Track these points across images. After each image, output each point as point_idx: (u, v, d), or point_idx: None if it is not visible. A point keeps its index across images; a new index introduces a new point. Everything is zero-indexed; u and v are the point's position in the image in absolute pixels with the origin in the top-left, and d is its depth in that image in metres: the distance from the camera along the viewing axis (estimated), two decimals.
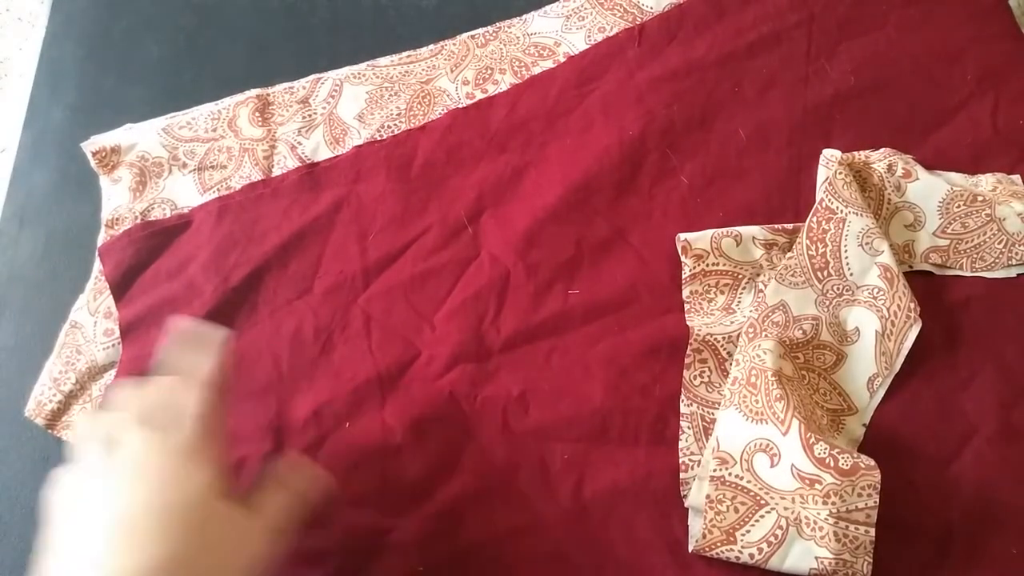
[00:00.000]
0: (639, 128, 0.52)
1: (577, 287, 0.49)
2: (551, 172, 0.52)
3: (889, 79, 0.53)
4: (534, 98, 0.54)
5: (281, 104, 0.55)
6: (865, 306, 0.46)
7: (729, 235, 0.48)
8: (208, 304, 0.48)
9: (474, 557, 0.43)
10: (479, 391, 0.46)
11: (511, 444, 0.45)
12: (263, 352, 0.48)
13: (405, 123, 0.54)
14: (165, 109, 0.55)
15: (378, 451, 0.45)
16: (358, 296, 0.49)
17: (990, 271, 0.48)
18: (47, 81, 0.58)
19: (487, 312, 0.48)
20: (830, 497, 0.38)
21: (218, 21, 0.60)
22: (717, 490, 0.41)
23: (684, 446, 0.45)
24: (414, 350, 0.48)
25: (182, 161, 0.53)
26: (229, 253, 0.50)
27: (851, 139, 0.51)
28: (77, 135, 0.54)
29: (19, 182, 0.55)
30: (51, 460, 0.47)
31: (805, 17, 0.55)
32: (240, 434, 0.46)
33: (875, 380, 0.45)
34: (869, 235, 0.46)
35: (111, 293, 0.49)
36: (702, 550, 0.41)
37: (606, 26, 0.56)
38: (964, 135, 0.51)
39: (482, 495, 0.44)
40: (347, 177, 0.52)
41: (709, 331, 0.47)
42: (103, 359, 0.48)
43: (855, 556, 0.39)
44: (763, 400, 0.42)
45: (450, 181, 0.52)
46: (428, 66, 0.56)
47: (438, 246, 0.50)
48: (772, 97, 0.53)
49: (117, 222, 0.52)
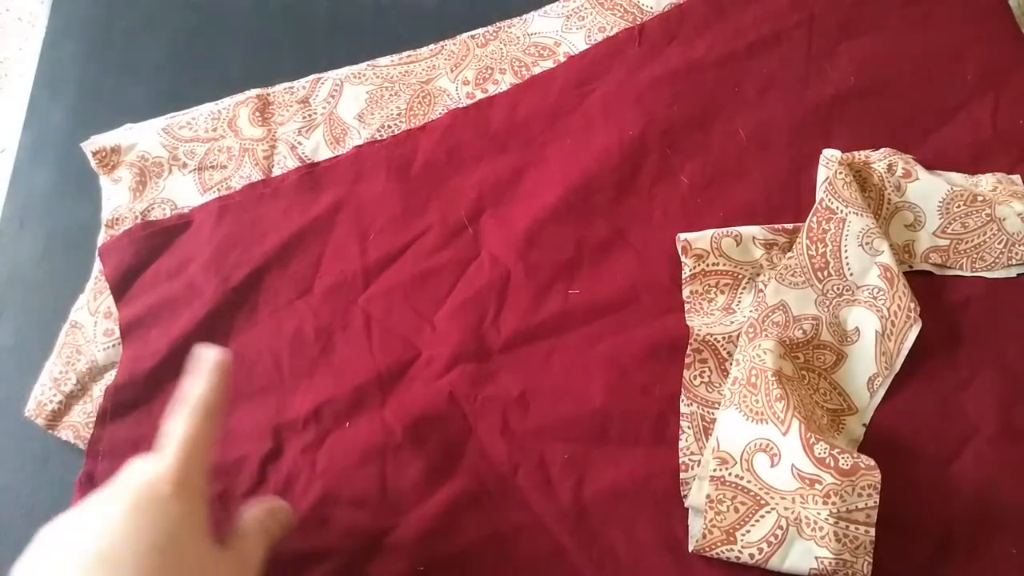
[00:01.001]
0: (639, 128, 0.52)
1: (577, 287, 0.49)
2: (551, 172, 0.52)
3: (889, 79, 0.53)
4: (534, 98, 0.54)
5: (281, 104, 0.55)
6: (865, 306, 0.46)
7: (729, 235, 0.48)
8: (208, 304, 0.48)
9: (474, 557, 0.43)
10: (479, 391, 0.46)
11: (511, 444, 0.45)
12: (263, 352, 0.48)
13: (405, 123, 0.54)
14: (165, 109, 0.55)
15: (378, 451, 0.45)
16: (358, 296, 0.49)
17: (990, 271, 0.48)
18: (47, 81, 0.58)
19: (487, 312, 0.48)
20: (830, 497, 0.38)
21: (218, 21, 0.60)
22: (717, 490, 0.41)
23: (684, 446, 0.45)
24: (414, 350, 0.48)
25: (182, 161, 0.53)
26: (229, 253, 0.50)
27: (851, 139, 0.51)
28: (77, 135, 0.54)
29: (19, 182, 0.55)
30: (51, 460, 0.47)
31: (805, 17, 0.55)
32: (240, 434, 0.46)
33: (875, 380, 0.45)
34: (869, 235, 0.46)
35: (111, 293, 0.49)
36: (702, 550, 0.41)
37: (606, 26, 0.56)
38: (964, 135, 0.51)
39: (482, 495, 0.44)
40: (347, 177, 0.52)
41: (709, 331, 0.47)
42: (103, 359, 0.48)
43: (855, 556, 0.39)
44: (763, 400, 0.42)
45: (450, 181, 0.52)
46: (428, 66, 0.56)
47: (438, 246, 0.50)
48: (772, 97, 0.53)
49: (117, 222, 0.52)
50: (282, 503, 0.40)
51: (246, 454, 0.45)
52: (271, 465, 0.45)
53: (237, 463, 0.45)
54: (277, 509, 0.39)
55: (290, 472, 0.45)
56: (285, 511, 0.40)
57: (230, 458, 0.45)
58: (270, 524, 0.38)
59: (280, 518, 0.39)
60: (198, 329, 0.48)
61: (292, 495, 0.44)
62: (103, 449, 0.46)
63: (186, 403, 0.35)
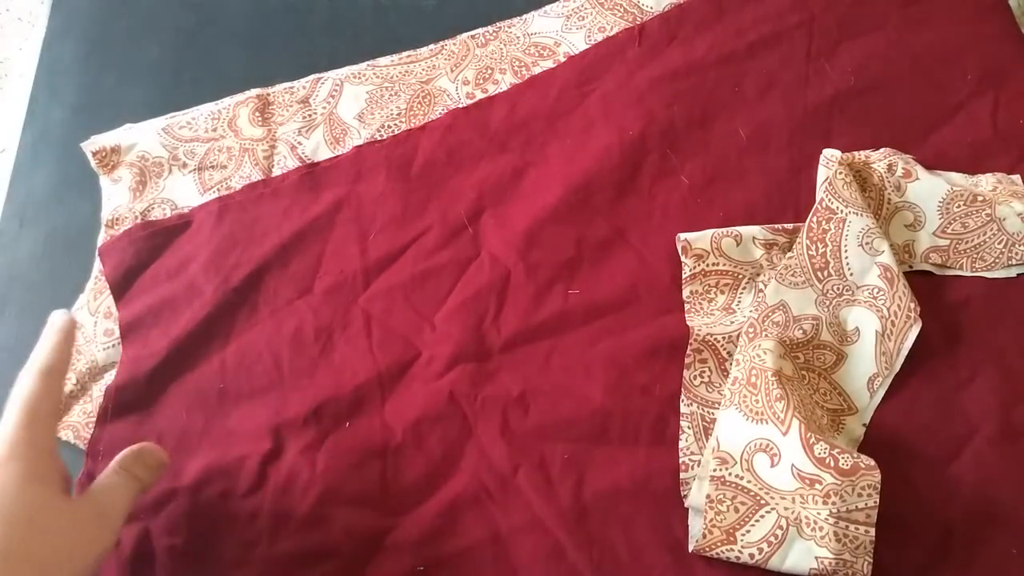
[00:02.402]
0: (639, 128, 0.52)
1: (577, 287, 0.49)
2: (551, 172, 0.52)
3: (889, 79, 0.53)
4: (534, 98, 0.54)
5: (281, 104, 0.55)
6: (865, 306, 0.46)
7: (729, 235, 0.48)
8: (208, 304, 0.48)
9: (474, 557, 0.43)
10: (479, 391, 0.46)
11: (511, 444, 0.45)
12: (263, 352, 0.48)
13: (405, 123, 0.54)
14: (165, 109, 0.55)
15: (378, 451, 0.45)
16: (358, 296, 0.49)
17: (990, 271, 0.48)
18: (47, 81, 0.58)
19: (487, 312, 0.48)
20: (830, 497, 0.38)
21: (218, 21, 0.60)
22: (717, 490, 0.41)
23: (684, 446, 0.45)
24: (414, 350, 0.48)
25: (182, 161, 0.53)
26: (229, 253, 0.50)
27: (851, 139, 0.51)
28: (77, 135, 0.54)
29: (19, 182, 0.55)
30: None
31: (805, 17, 0.55)
32: (240, 434, 0.46)
33: (875, 380, 0.45)
34: (869, 235, 0.46)
35: (111, 293, 0.49)
36: (702, 550, 0.41)
37: (606, 26, 0.56)
38: (964, 135, 0.51)
39: (482, 495, 0.44)
40: (347, 177, 0.52)
41: (709, 331, 0.47)
42: (103, 359, 0.48)
43: (855, 556, 0.39)
44: (763, 400, 0.42)
45: (450, 181, 0.52)
46: (428, 66, 0.56)
47: (438, 246, 0.50)
48: (772, 97, 0.53)
49: (117, 222, 0.52)
50: (152, 446, 0.39)
51: (246, 454, 0.45)
52: (271, 465, 0.45)
53: (237, 463, 0.45)
54: (144, 451, 0.38)
55: (290, 472, 0.45)
56: (153, 453, 0.39)
57: (230, 458, 0.45)
58: (137, 469, 0.37)
59: (147, 461, 0.38)
60: (198, 329, 0.48)
61: (292, 495, 0.44)
62: (103, 449, 0.46)
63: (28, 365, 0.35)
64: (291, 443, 0.46)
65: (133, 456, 0.38)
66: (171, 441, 0.45)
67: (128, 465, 0.37)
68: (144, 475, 0.38)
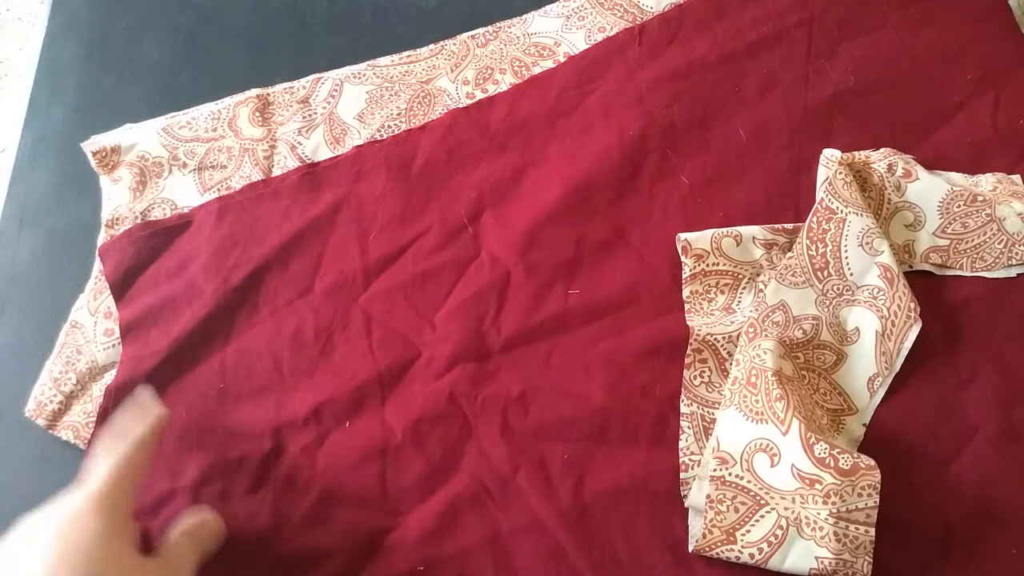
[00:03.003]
0: (639, 128, 0.52)
1: (577, 287, 0.49)
2: (551, 172, 0.52)
3: (889, 79, 0.53)
4: (534, 98, 0.54)
5: (281, 104, 0.55)
6: (865, 306, 0.46)
7: (729, 235, 0.48)
8: (208, 304, 0.48)
9: (474, 557, 0.43)
10: (479, 391, 0.46)
11: (511, 444, 0.45)
12: (263, 352, 0.48)
13: (405, 123, 0.54)
14: (165, 109, 0.55)
15: (378, 451, 0.45)
16: (358, 296, 0.49)
17: (990, 271, 0.48)
18: (47, 81, 0.58)
19: (487, 312, 0.48)
20: (830, 497, 0.38)
21: (218, 21, 0.60)
22: (717, 490, 0.41)
23: (684, 446, 0.45)
24: (414, 350, 0.48)
25: (182, 161, 0.53)
26: (229, 253, 0.50)
27: (851, 139, 0.51)
28: (77, 135, 0.54)
29: (19, 182, 0.55)
30: (51, 460, 0.47)
31: (805, 17, 0.55)
32: (240, 434, 0.46)
33: (875, 380, 0.45)
34: (869, 235, 0.46)
35: (111, 293, 0.49)
36: (702, 550, 0.41)
37: (606, 26, 0.56)
38: (964, 135, 0.51)
39: (482, 495, 0.44)
40: (347, 177, 0.52)
41: (709, 331, 0.47)
42: (103, 359, 0.48)
43: (855, 556, 0.39)
44: (763, 400, 0.42)
45: (450, 181, 0.52)
46: (428, 66, 0.56)
47: (438, 246, 0.50)
48: (772, 97, 0.53)
49: (117, 222, 0.52)
50: (213, 515, 0.42)
51: (246, 454, 0.45)
52: (271, 465, 0.45)
53: (237, 463, 0.45)
54: (208, 520, 0.42)
55: (290, 472, 0.45)
56: (215, 521, 0.42)
57: (230, 458, 0.45)
58: (200, 534, 0.41)
59: (211, 528, 0.42)
60: (198, 329, 0.48)
61: (292, 495, 0.44)
62: None
63: (122, 437, 0.38)
64: (291, 443, 0.46)
65: (199, 523, 0.41)
66: (171, 441, 0.45)
67: (194, 531, 0.40)
68: (207, 542, 0.41)
